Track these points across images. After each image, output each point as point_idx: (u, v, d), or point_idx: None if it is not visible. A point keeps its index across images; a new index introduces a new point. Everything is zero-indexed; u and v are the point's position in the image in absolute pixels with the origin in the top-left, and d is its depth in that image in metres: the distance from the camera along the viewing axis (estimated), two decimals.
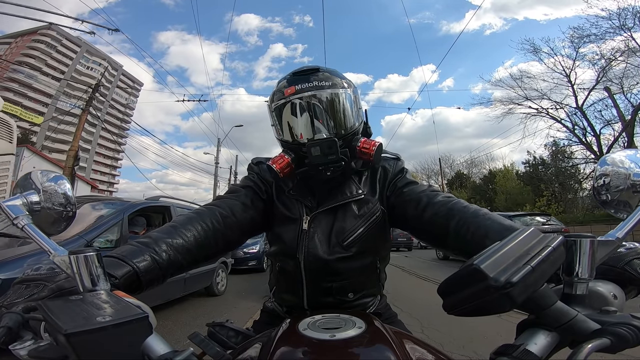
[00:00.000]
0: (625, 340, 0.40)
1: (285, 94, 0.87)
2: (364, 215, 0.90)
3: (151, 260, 0.67)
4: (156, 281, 0.69)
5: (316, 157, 0.83)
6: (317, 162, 0.83)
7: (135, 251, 0.67)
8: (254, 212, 0.91)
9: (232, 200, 0.90)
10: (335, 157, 0.83)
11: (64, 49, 55.21)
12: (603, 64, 16.03)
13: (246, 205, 0.90)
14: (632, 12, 14.65)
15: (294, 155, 0.89)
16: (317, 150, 0.82)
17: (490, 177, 28.86)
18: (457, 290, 0.40)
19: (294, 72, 0.91)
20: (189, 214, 0.84)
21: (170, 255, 0.71)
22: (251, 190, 0.94)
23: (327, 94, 0.86)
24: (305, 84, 0.86)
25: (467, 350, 3.21)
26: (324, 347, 0.52)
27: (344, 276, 0.89)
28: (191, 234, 0.77)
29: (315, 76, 0.87)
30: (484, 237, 0.70)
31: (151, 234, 0.74)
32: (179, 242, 0.74)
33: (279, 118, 0.90)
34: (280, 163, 0.87)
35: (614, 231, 0.54)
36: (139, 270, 0.64)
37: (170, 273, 0.72)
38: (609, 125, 17.14)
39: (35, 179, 0.68)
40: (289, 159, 0.88)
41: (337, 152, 0.83)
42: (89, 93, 12.28)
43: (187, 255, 0.75)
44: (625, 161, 0.63)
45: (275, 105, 0.89)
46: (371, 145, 0.88)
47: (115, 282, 0.59)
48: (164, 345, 0.43)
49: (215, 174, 20.82)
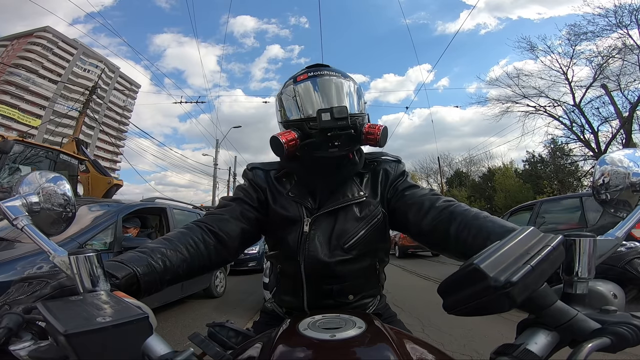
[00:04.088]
0: (626, 339, 0.40)
1: (299, 79, 0.91)
2: (366, 217, 0.90)
3: (149, 265, 0.68)
4: (154, 287, 0.69)
5: (326, 121, 0.82)
6: (326, 127, 0.82)
7: (133, 257, 0.68)
8: (245, 225, 0.90)
9: (221, 216, 0.89)
10: (345, 122, 0.82)
11: (60, 52, 55.03)
12: (600, 61, 16.08)
13: (236, 218, 0.90)
14: (628, 9, 14.70)
15: (301, 132, 0.87)
16: (327, 115, 0.83)
17: (489, 175, 28.88)
18: (457, 290, 0.40)
19: (307, 67, 0.96)
20: (180, 229, 0.84)
21: (166, 263, 0.72)
22: (241, 202, 0.93)
23: (339, 80, 0.90)
24: (319, 71, 0.91)
25: (467, 349, 3.21)
26: (324, 347, 0.52)
27: (344, 279, 0.89)
28: (184, 247, 0.77)
29: (327, 68, 0.93)
30: (485, 239, 0.70)
31: (147, 244, 0.75)
32: (173, 253, 0.75)
33: (290, 99, 0.92)
34: (286, 136, 0.85)
35: (613, 230, 0.55)
36: (139, 273, 0.65)
37: (167, 280, 0.73)
38: (606, 123, 17.18)
39: (34, 179, 0.68)
40: (295, 134, 0.86)
41: (347, 118, 0.82)
42: (87, 95, 12.24)
43: (182, 265, 0.76)
44: (624, 160, 0.63)
45: (286, 88, 0.94)
46: (376, 129, 0.87)
47: (117, 282, 0.59)
48: (164, 346, 0.43)
49: (214, 175, 20.82)
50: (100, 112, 37.49)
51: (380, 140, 0.87)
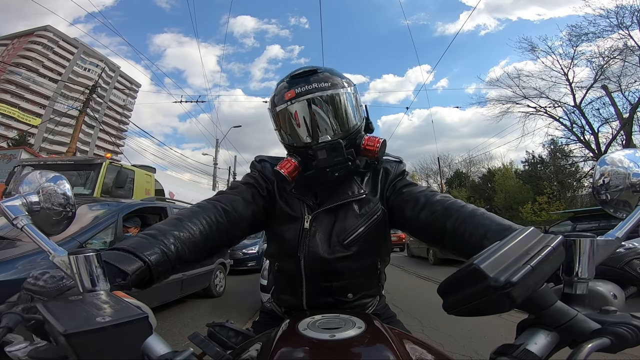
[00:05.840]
0: (625, 339, 0.40)
1: (285, 98, 0.87)
2: (365, 214, 0.91)
3: (161, 252, 0.67)
4: (165, 274, 0.69)
5: (323, 160, 0.84)
6: (324, 165, 0.85)
7: (144, 243, 0.67)
8: (255, 208, 0.91)
9: (234, 196, 0.90)
10: (342, 158, 0.85)
11: (61, 51, 54.99)
12: (601, 62, 16.07)
13: (247, 200, 0.90)
14: (629, 10, 14.68)
15: (300, 158, 0.89)
16: (323, 153, 0.84)
17: (489, 176, 28.88)
18: (457, 290, 0.40)
19: (292, 74, 0.90)
20: (193, 207, 0.84)
21: (178, 247, 0.71)
22: (252, 186, 0.94)
23: (327, 95, 0.86)
24: (305, 86, 0.86)
25: (467, 350, 3.21)
26: (324, 347, 0.52)
27: (343, 276, 0.89)
28: (197, 228, 0.77)
29: (315, 77, 0.87)
30: (482, 237, 0.70)
31: (157, 226, 0.74)
32: (185, 235, 0.74)
33: (282, 122, 0.91)
34: (287, 168, 0.88)
35: (613, 231, 0.54)
36: (151, 263, 0.64)
37: (178, 267, 0.72)
38: (607, 124, 17.16)
39: (34, 179, 0.68)
40: (296, 163, 0.89)
41: (343, 153, 0.85)
42: (87, 94, 12.22)
43: (193, 249, 0.75)
44: (624, 161, 0.63)
45: (276, 110, 0.90)
46: (375, 143, 0.89)
47: (127, 279, 0.59)
48: (164, 346, 0.43)
49: (214, 174, 20.77)
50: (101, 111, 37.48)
51: (378, 155, 0.90)
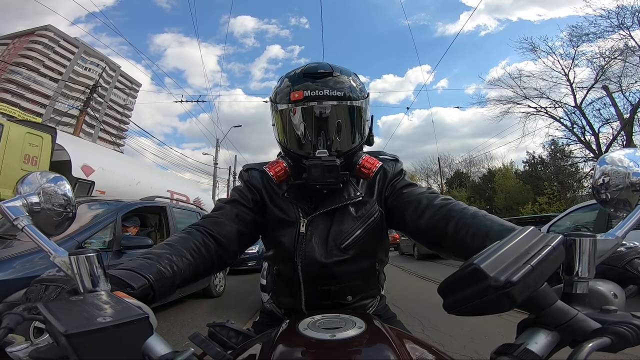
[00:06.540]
0: (626, 339, 0.40)
1: (291, 99, 0.82)
2: (362, 217, 0.89)
3: (159, 272, 0.68)
4: (166, 293, 0.69)
5: (315, 177, 0.81)
6: (315, 182, 0.82)
7: (143, 265, 0.67)
8: (241, 226, 0.90)
9: (217, 219, 0.89)
10: (335, 180, 0.82)
11: (61, 50, 55.02)
12: (601, 63, 16.04)
13: (232, 220, 0.89)
14: (630, 10, 14.66)
15: (293, 163, 0.87)
16: (317, 171, 0.81)
17: (489, 176, 28.89)
18: (457, 290, 0.40)
19: (305, 71, 0.85)
20: (180, 233, 0.84)
21: (174, 268, 0.71)
22: (237, 204, 0.93)
23: (337, 107, 0.82)
24: (315, 91, 0.81)
25: (467, 349, 3.21)
26: (324, 347, 0.52)
27: (341, 279, 0.88)
28: (188, 252, 0.77)
29: (328, 81, 0.82)
30: (484, 238, 0.69)
31: (151, 251, 0.74)
32: (178, 258, 0.74)
33: (282, 122, 0.88)
34: (276, 170, 0.86)
35: (613, 230, 0.54)
36: (152, 281, 0.64)
37: (177, 285, 0.73)
38: (607, 124, 17.12)
39: (34, 180, 0.68)
40: (286, 167, 0.87)
41: (337, 176, 0.82)
42: (87, 94, 12.23)
43: (188, 269, 0.75)
44: (624, 160, 0.63)
45: (279, 107, 0.86)
46: (372, 166, 0.86)
47: (133, 292, 0.59)
48: (165, 346, 0.43)
49: (214, 174, 20.77)
50: (101, 111, 37.48)
51: (371, 178, 0.88)
